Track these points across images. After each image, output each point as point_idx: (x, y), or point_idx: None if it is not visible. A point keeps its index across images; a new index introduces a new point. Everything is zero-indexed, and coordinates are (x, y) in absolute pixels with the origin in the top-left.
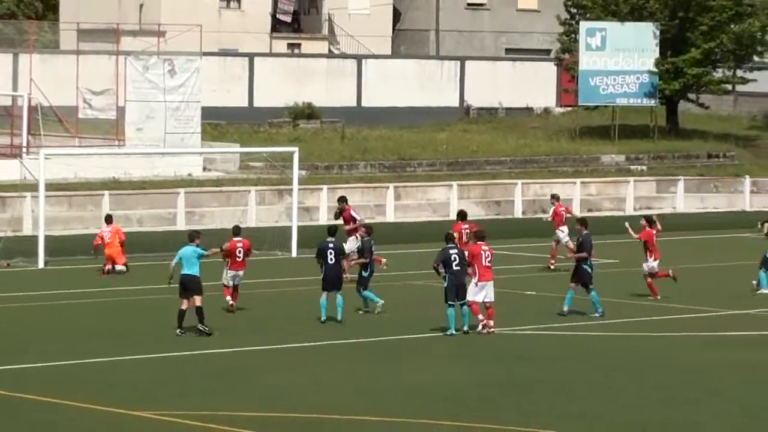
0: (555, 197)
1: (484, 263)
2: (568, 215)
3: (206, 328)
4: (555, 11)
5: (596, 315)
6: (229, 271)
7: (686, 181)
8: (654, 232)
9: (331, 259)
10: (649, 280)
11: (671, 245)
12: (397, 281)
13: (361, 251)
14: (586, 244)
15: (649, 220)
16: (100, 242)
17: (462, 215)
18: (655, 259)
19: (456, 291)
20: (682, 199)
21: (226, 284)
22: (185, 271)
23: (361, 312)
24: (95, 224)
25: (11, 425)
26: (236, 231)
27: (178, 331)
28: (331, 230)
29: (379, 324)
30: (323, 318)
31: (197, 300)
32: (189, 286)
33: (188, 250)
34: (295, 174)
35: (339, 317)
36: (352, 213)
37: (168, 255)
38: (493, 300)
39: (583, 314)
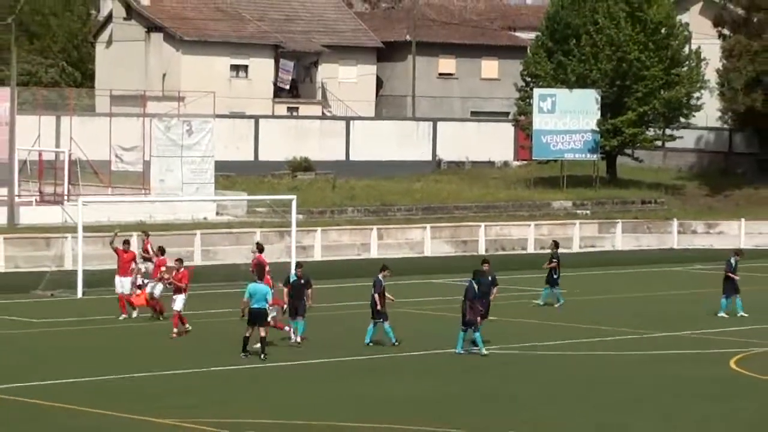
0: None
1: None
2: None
3: (265, 356)
4: (513, 80)
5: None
6: None
7: (624, 223)
8: None
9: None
10: None
11: (611, 278)
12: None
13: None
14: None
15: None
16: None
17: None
18: None
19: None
20: (620, 238)
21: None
22: (254, 305)
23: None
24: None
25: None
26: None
27: (242, 354)
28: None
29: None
30: (367, 341)
31: (262, 331)
32: (257, 319)
33: (259, 289)
34: (293, 218)
35: (393, 341)
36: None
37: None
38: None
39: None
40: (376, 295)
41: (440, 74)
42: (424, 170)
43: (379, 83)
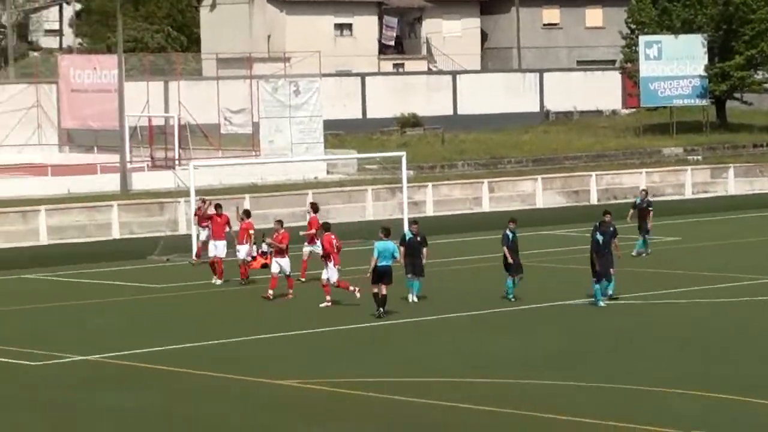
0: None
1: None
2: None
3: (384, 313)
4: (618, 27)
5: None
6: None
7: (735, 168)
8: None
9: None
10: None
11: (724, 223)
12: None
13: None
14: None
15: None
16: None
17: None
18: None
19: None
20: (732, 183)
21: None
22: (381, 263)
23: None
24: (237, 224)
25: (181, 394)
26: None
27: (376, 312)
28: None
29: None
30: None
31: (383, 289)
32: (382, 277)
33: (386, 246)
34: (404, 174)
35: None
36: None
37: (298, 247)
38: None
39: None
40: (505, 249)
41: (544, 25)
42: (532, 122)
43: (484, 36)
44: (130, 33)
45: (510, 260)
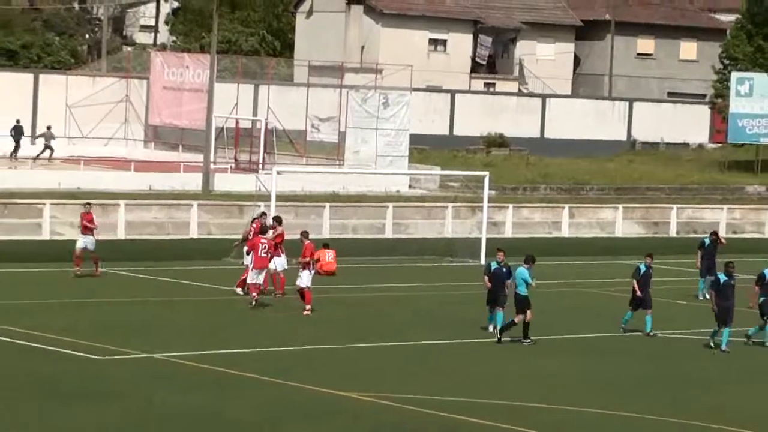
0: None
1: (259, 254)
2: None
3: (529, 341)
4: (711, 62)
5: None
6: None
7: None
8: None
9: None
10: None
11: None
12: (567, 288)
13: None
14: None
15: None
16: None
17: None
18: None
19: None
20: None
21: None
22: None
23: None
24: (317, 230)
25: (248, 403)
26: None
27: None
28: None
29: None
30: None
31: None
32: (520, 304)
33: (521, 272)
34: (485, 194)
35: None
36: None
37: (376, 259)
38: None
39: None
40: (634, 282)
41: (638, 54)
42: (619, 150)
43: (577, 61)
44: (225, 34)
45: (639, 293)
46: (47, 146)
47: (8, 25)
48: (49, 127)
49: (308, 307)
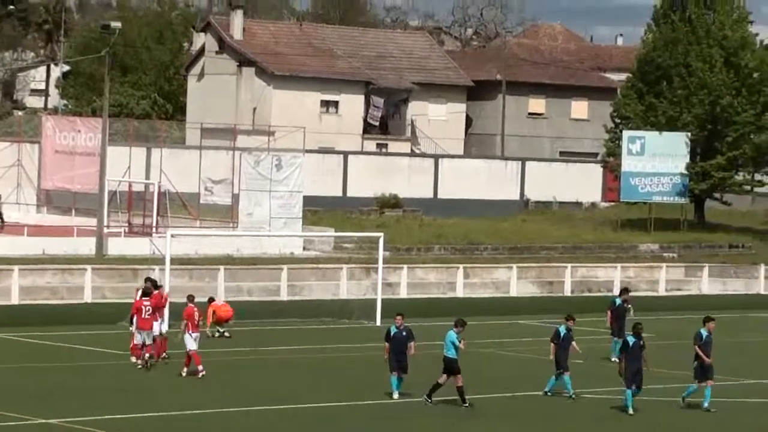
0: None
1: (143, 316)
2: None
3: (467, 405)
4: (602, 121)
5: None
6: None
7: (710, 267)
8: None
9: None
10: None
11: (696, 323)
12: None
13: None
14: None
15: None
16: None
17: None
18: None
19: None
20: (706, 282)
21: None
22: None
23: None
24: (211, 292)
25: None
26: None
27: (426, 399)
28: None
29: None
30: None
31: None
32: (448, 367)
33: (450, 335)
34: (380, 255)
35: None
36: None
37: (270, 321)
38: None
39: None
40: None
41: (530, 114)
42: (512, 209)
43: (469, 121)
44: (116, 98)
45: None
46: None
47: None
48: None
49: (200, 368)
